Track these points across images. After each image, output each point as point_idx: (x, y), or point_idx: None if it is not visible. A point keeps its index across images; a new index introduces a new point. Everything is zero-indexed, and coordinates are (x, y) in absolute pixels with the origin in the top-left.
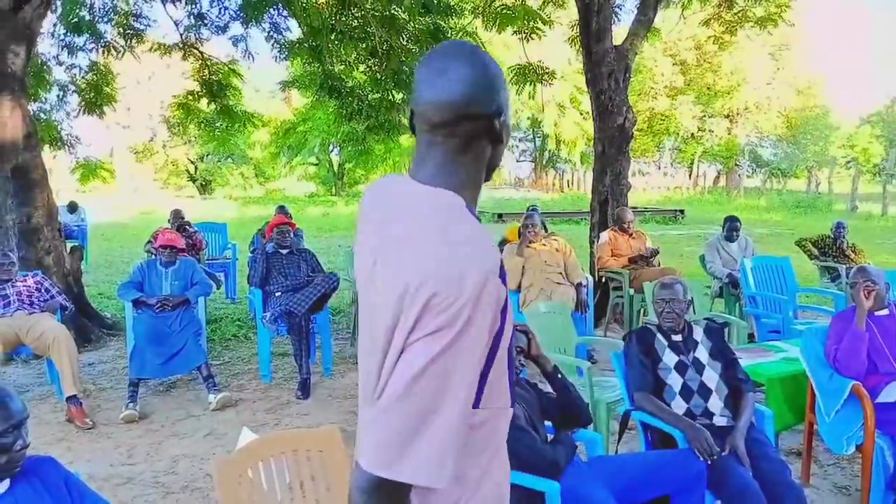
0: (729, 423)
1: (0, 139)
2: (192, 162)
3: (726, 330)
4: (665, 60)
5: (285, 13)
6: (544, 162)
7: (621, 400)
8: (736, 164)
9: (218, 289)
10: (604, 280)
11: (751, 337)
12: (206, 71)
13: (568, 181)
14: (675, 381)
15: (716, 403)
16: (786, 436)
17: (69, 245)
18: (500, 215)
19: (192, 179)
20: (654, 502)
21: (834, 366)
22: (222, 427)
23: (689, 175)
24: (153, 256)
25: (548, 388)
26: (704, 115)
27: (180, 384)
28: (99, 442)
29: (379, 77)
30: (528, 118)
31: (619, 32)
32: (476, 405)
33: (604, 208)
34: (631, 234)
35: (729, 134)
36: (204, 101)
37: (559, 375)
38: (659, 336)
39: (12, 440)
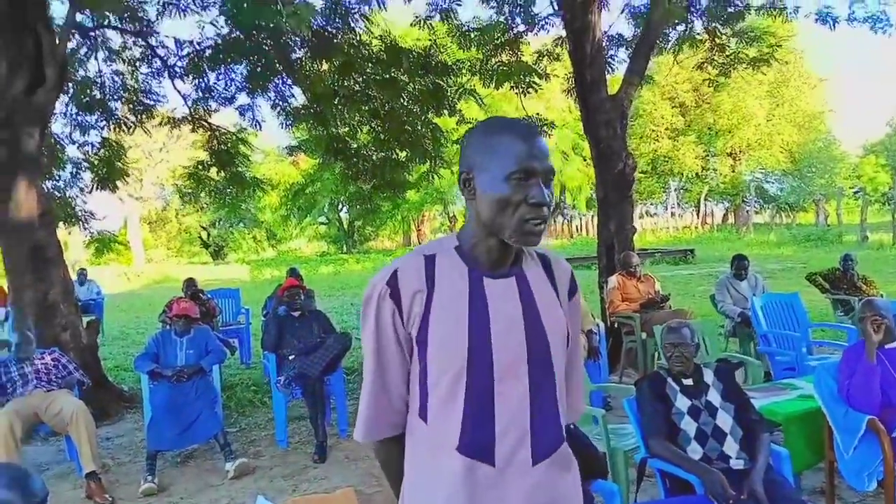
0: (746, 466)
1: (16, 219)
2: (204, 229)
3: (743, 370)
4: (664, 103)
5: (289, 82)
6: (551, 209)
7: (639, 447)
8: (743, 201)
9: (232, 355)
10: (616, 325)
11: (767, 376)
12: (215, 141)
13: (576, 227)
14: (689, 425)
15: (731, 446)
16: (808, 475)
17: (85, 319)
18: None
19: (205, 246)
20: None
21: (847, 401)
22: (240, 496)
23: (697, 214)
24: (168, 326)
25: None
26: (707, 155)
27: (198, 454)
28: None
29: (383, 137)
30: None
31: (616, 80)
32: (424, 417)
33: (610, 253)
34: (639, 278)
35: (733, 171)
36: (214, 169)
37: (571, 427)
38: (670, 381)
39: None
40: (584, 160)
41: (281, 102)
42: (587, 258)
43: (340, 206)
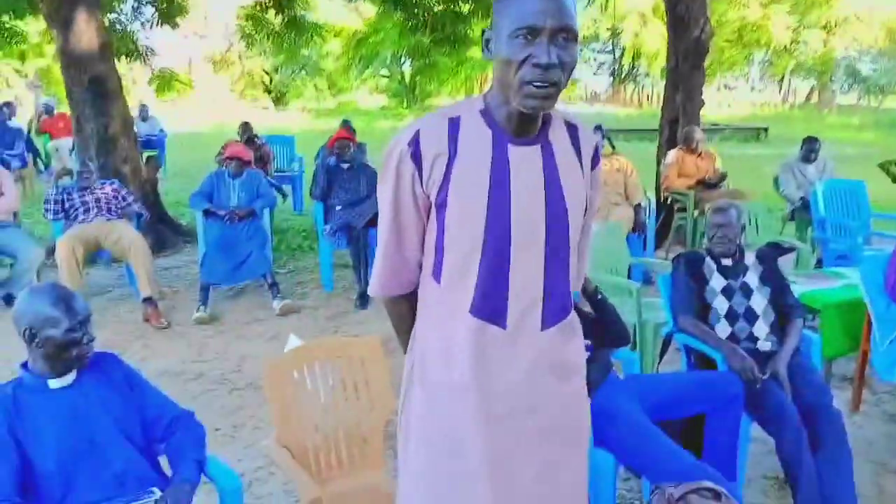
0: (774, 349)
1: (77, 51)
2: (266, 73)
3: (794, 255)
4: None
5: None
6: (623, 75)
7: (667, 322)
8: (830, 79)
9: (284, 201)
10: (669, 201)
11: (820, 263)
12: None
13: (648, 95)
14: (721, 304)
15: (761, 328)
16: (841, 363)
17: (146, 154)
18: None
19: (268, 91)
20: (689, 421)
21: (891, 295)
22: (284, 331)
23: (780, 90)
24: (223, 167)
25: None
26: (800, 26)
27: (248, 290)
28: (173, 340)
29: None
30: (608, 29)
31: None
32: (437, 278)
33: (673, 127)
34: (699, 155)
35: (825, 46)
36: (272, 11)
37: (598, 296)
38: (708, 260)
39: (80, 334)
40: (665, 25)
41: None
42: (651, 130)
43: (402, 60)
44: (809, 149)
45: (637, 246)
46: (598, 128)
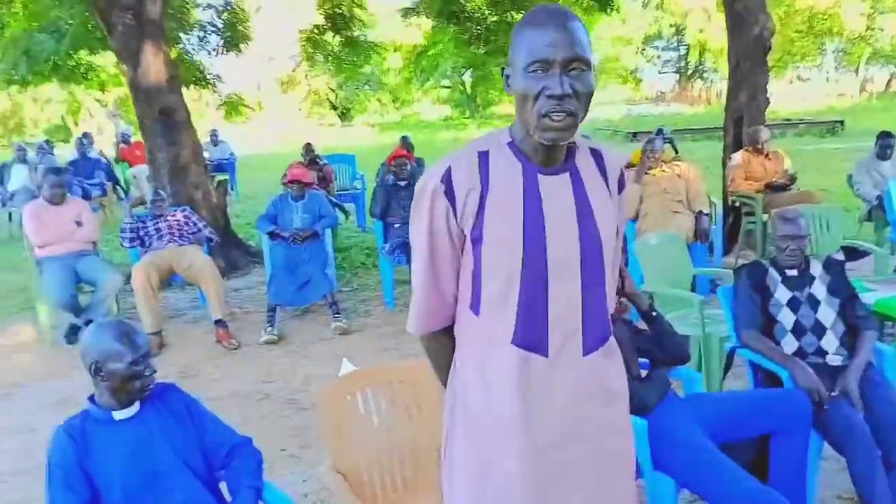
0: (844, 363)
1: (145, 84)
2: (332, 91)
3: (869, 259)
4: None
5: None
6: (689, 73)
7: (730, 336)
8: None
9: (346, 219)
10: (736, 205)
11: None
12: (330, 3)
13: (717, 93)
14: (786, 318)
15: (831, 342)
16: None
17: (218, 178)
18: (634, 134)
19: (333, 108)
20: (753, 442)
21: None
22: (349, 350)
23: (857, 80)
24: (286, 190)
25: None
26: (874, 12)
27: (315, 309)
28: (243, 361)
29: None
30: (671, 25)
31: None
32: (476, 311)
33: (738, 127)
34: (766, 155)
35: None
36: (330, 33)
37: (654, 314)
38: (772, 271)
39: (143, 367)
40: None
41: None
42: (717, 129)
43: (462, 70)
44: (884, 144)
45: (702, 255)
46: (660, 132)
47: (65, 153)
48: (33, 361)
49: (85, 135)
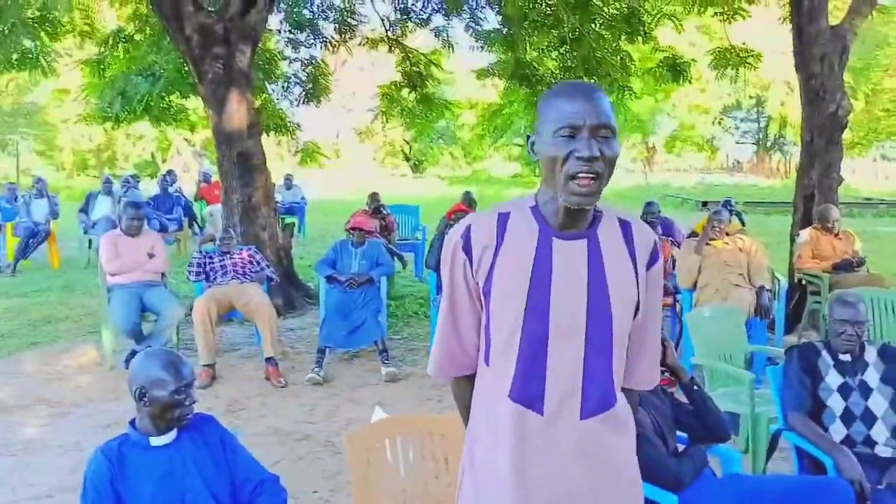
0: (895, 455)
1: (228, 128)
2: (407, 142)
3: None
4: None
5: (483, 2)
6: (767, 145)
7: (777, 418)
8: None
9: (404, 268)
10: (803, 283)
11: None
12: (408, 62)
13: (796, 166)
14: (836, 403)
15: (881, 432)
16: None
17: (284, 220)
18: (704, 203)
19: (407, 159)
20: None
21: None
22: (392, 397)
23: None
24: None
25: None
26: None
27: (363, 354)
28: (287, 399)
29: (570, 65)
30: (751, 97)
31: (840, 8)
32: (487, 361)
33: (808, 204)
34: (836, 234)
35: None
36: (406, 90)
37: (695, 388)
38: (825, 354)
39: (184, 397)
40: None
41: (474, 25)
42: (791, 203)
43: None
44: None
45: (761, 331)
46: (727, 202)
47: (149, 188)
48: (92, 383)
49: (169, 172)
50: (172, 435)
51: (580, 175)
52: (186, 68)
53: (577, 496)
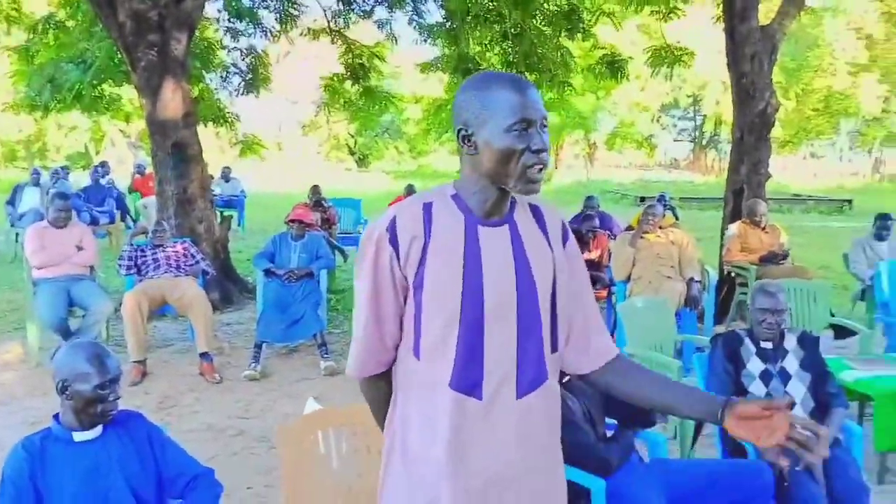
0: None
1: (162, 118)
2: (351, 136)
3: (858, 338)
4: (849, 34)
5: None
6: (703, 142)
7: None
8: None
9: (345, 262)
10: (731, 275)
11: None
12: (350, 55)
13: None
14: (757, 389)
15: (799, 416)
16: None
17: (223, 213)
18: (642, 198)
19: (352, 153)
20: None
21: None
22: (330, 392)
23: (871, 161)
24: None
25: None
26: (891, 95)
27: (302, 349)
28: (223, 395)
29: (512, 60)
30: (689, 96)
31: (769, 9)
32: (417, 354)
33: (737, 199)
34: (763, 229)
35: None
36: (349, 82)
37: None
38: (747, 341)
39: (108, 392)
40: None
41: (417, 18)
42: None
43: None
44: (882, 226)
45: (691, 322)
46: (662, 197)
47: (81, 180)
48: (17, 381)
49: (102, 163)
50: (97, 430)
51: (535, 165)
52: (119, 56)
53: (512, 477)
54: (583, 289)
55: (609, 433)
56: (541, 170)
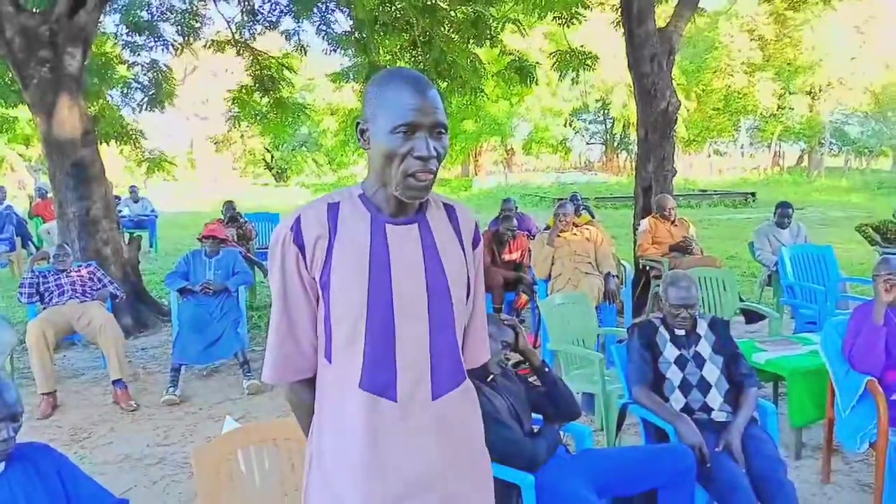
0: (728, 419)
1: (59, 137)
2: (268, 150)
3: (767, 321)
4: (742, 36)
5: (332, 5)
6: (615, 144)
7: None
8: (819, 143)
9: (266, 277)
10: (645, 268)
11: None
12: (258, 66)
13: None
14: (674, 375)
15: (715, 398)
16: (816, 431)
17: (132, 234)
18: (559, 199)
19: (269, 167)
20: (643, 497)
21: (850, 361)
22: (255, 411)
23: (770, 155)
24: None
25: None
26: (785, 92)
27: (223, 369)
28: (139, 423)
29: (422, 67)
30: (597, 100)
31: (666, 13)
32: (328, 357)
33: (647, 195)
34: (673, 222)
35: (811, 111)
36: (258, 94)
37: (546, 370)
38: (661, 329)
39: (1, 429)
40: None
41: (325, 28)
42: (630, 197)
43: None
44: (783, 214)
45: (611, 315)
46: (573, 197)
47: None
48: None
49: None
50: (0, 467)
51: (417, 173)
52: (10, 74)
53: (433, 475)
54: (480, 289)
55: (535, 428)
56: (425, 177)
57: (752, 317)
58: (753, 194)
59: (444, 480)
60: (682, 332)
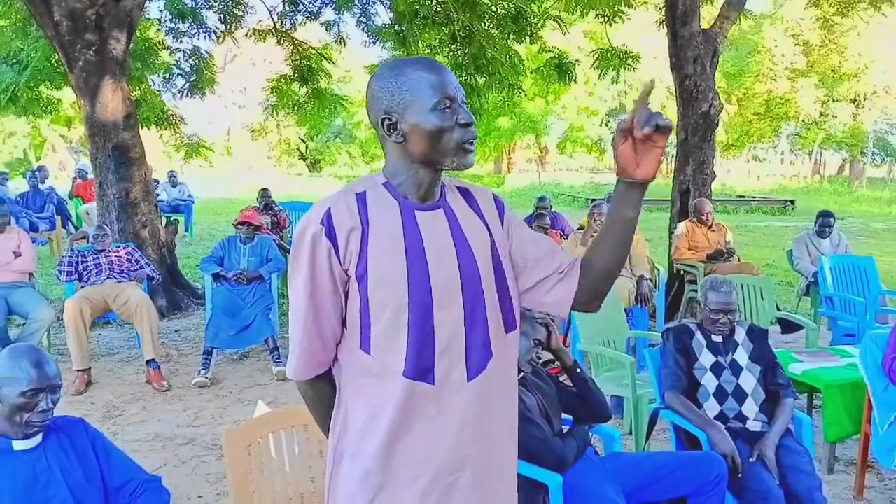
0: (763, 429)
1: (102, 119)
2: (302, 140)
3: (803, 332)
4: (787, 41)
5: None
6: None
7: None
8: (861, 152)
9: None
10: (680, 273)
11: None
12: (297, 56)
13: None
14: (709, 382)
15: (750, 408)
16: (850, 445)
17: (170, 218)
18: (593, 200)
19: (303, 157)
20: (672, 503)
21: (890, 376)
22: (284, 396)
23: (810, 163)
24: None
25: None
26: (828, 99)
27: (253, 354)
28: (171, 403)
29: (461, 62)
30: (635, 101)
31: (710, 14)
32: (367, 349)
33: (684, 198)
34: (710, 227)
35: (854, 119)
36: (296, 84)
37: (578, 370)
38: (698, 335)
39: (38, 399)
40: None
41: (365, 20)
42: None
43: None
44: (823, 223)
45: (642, 319)
46: (609, 198)
47: (21, 187)
48: None
49: (40, 168)
50: (38, 439)
51: (469, 139)
52: (56, 56)
53: (466, 461)
54: (536, 238)
55: (565, 428)
56: (472, 142)
57: (788, 326)
58: (793, 202)
59: (475, 462)
60: (718, 339)
